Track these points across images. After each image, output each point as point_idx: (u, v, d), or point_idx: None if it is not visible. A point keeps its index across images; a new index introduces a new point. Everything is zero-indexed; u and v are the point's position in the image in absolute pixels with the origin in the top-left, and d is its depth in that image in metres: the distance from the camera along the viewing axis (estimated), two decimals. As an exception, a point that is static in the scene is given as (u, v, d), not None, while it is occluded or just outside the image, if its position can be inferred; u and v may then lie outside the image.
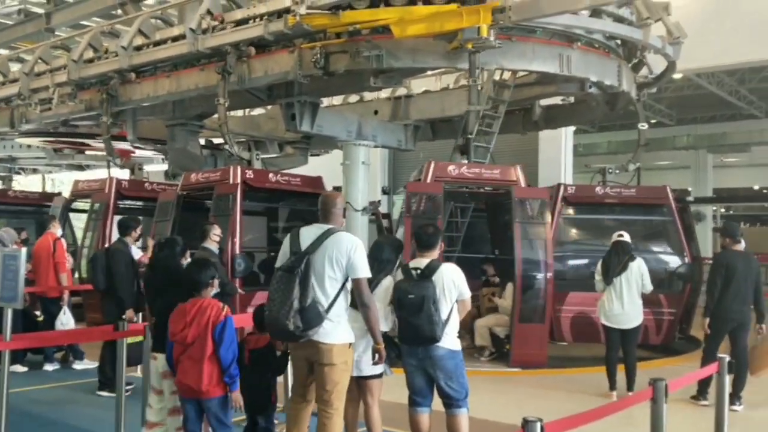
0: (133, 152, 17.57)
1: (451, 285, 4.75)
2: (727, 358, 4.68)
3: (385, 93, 13.73)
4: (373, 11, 8.61)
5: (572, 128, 17.63)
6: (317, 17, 8.79)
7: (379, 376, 4.81)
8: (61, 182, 26.31)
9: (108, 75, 11.69)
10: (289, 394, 4.81)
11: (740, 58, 16.10)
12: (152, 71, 11.49)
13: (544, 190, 9.75)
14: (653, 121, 25.01)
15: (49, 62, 13.08)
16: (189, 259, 4.97)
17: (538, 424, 2.86)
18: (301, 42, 9.45)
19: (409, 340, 4.70)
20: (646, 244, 11.69)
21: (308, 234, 4.41)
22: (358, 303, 4.33)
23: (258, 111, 15.87)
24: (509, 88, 11.35)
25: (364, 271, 4.29)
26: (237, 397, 4.36)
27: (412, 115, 13.38)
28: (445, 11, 8.25)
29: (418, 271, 4.78)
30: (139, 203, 13.12)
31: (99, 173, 14.80)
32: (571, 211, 11.64)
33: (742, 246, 7.46)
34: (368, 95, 14.22)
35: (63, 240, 8.95)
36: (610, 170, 11.84)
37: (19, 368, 8.01)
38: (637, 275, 7.38)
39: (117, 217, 12.14)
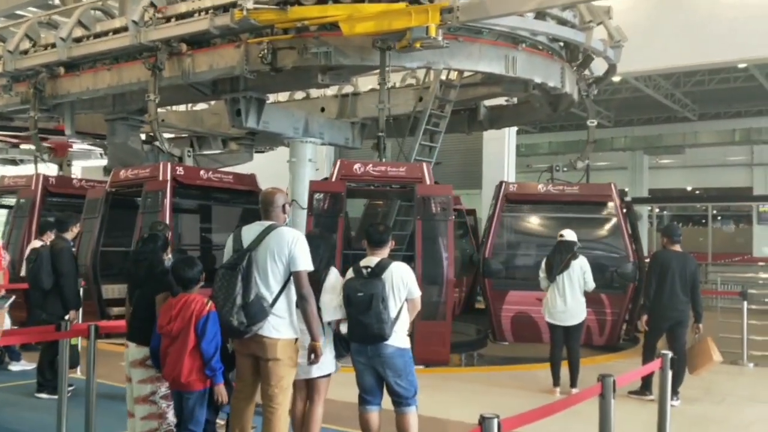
0: (71, 146, 17.09)
1: (401, 283, 4.77)
2: (670, 354, 4.78)
3: (331, 90, 13.67)
4: (322, 7, 8.55)
5: (515, 129, 17.87)
6: (264, 12, 8.69)
7: (327, 375, 4.78)
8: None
9: (36, 69, 11.38)
10: None
11: (677, 62, 16.63)
12: (92, 64, 11.20)
13: (448, 187, 9.58)
14: (592, 122, 25.59)
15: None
16: (170, 255, 4.95)
17: (495, 421, 2.87)
18: (247, 37, 9.36)
19: (357, 337, 4.69)
20: (590, 242, 11.83)
21: (250, 232, 4.40)
22: (297, 296, 4.30)
23: (201, 106, 15.64)
24: (455, 88, 11.47)
25: (304, 264, 4.27)
26: (221, 390, 4.39)
27: (359, 113, 13.37)
28: (394, 10, 8.24)
29: (369, 269, 4.78)
30: (67, 200, 12.72)
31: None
32: (512, 208, 11.68)
33: (679, 246, 7.68)
34: (314, 92, 14.14)
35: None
36: (557, 168, 11.85)
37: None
38: (579, 273, 7.53)
39: (46, 214, 12.08)
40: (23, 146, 18.68)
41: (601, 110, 24.13)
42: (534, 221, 12.17)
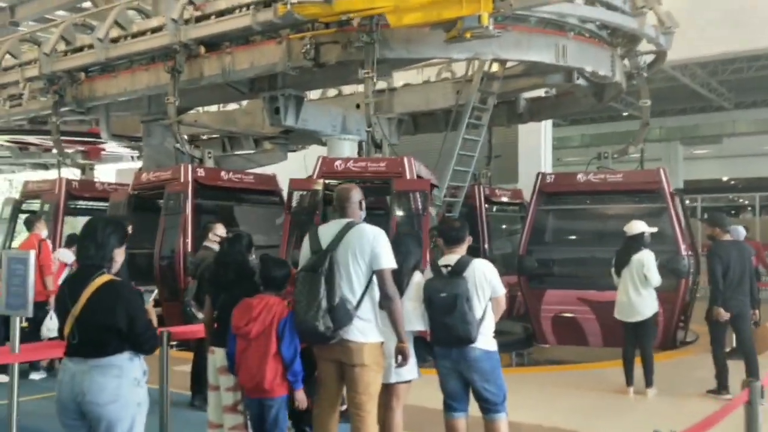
0: (104, 149, 17.03)
1: (484, 281, 4.51)
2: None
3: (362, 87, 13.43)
4: (367, 0, 8.32)
5: (551, 121, 17.55)
6: (309, 6, 8.46)
7: (408, 381, 4.53)
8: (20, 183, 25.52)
9: (72, 71, 11.30)
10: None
11: (715, 50, 16.22)
12: (128, 64, 11.08)
13: (426, 181, 9.19)
14: (625, 114, 25.17)
15: (18, 56, 12.49)
16: (253, 255, 4.72)
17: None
18: (288, 32, 9.16)
19: (442, 341, 4.44)
20: None
21: (327, 231, 4.18)
22: (381, 296, 4.06)
23: (232, 106, 15.51)
24: (498, 80, 11.17)
25: (387, 262, 4.04)
26: (301, 396, 4.21)
27: (396, 108, 13.15)
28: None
29: (449, 268, 4.53)
30: (91, 203, 12.86)
31: (65, 173, 14.40)
32: (550, 201, 11.09)
33: (730, 235, 7.46)
34: (346, 89, 13.93)
35: (48, 241, 8.52)
36: (606, 155, 11.22)
37: (3, 378, 7.54)
38: (638, 267, 7.24)
39: (68, 218, 12.03)
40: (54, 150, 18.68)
41: (633, 101, 23.65)
42: (573, 214, 11.50)
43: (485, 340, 4.49)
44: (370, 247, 4.01)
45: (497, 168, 17.58)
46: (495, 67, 11.25)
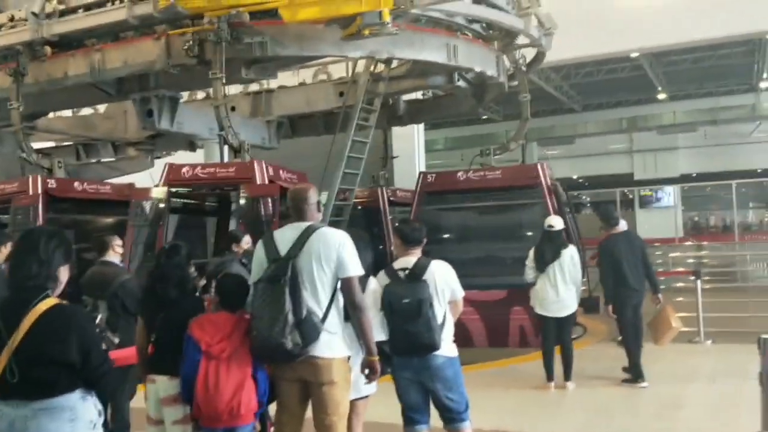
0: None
1: (444, 285, 4.25)
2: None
3: (237, 88, 12.83)
4: (259, -7, 7.84)
5: (422, 124, 17.63)
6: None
7: (365, 396, 4.17)
8: None
9: None
10: None
11: (569, 54, 16.97)
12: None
13: (275, 186, 8.88)
14: (484, 117, 25.95)
15: None
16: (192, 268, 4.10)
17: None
18: (164, 29, 8.49)
19: (403, 350, 4.12)
20: (517, 232, 11.50)
21: (285, 236, 3.75)
22: (348, 306, 3.70)
23: (86, 111, 14.30)
24: (384, 81, 10.98)
25: (355, 269, 3.68)
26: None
27: (275, 110, 12.63)
28: (340, -6, 7.66)
29: (406, 272, 4.22)
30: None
31: None
32: (431, 201, 10.97)
33: (621, 227, 7.66)
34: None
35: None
36: (487, 152, 11.28)
37: None
38: (569, 263, 7.26)
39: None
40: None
41: (491, 105, 24.44)
42: (455, 213, 11.43)
43: (447, 347, 4.23)
44: (336, 253, 3.63)
45: (368, 173, 17.53)
46: (380, 68, 11.06)
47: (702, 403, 6.55)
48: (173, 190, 9.18)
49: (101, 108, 13.55)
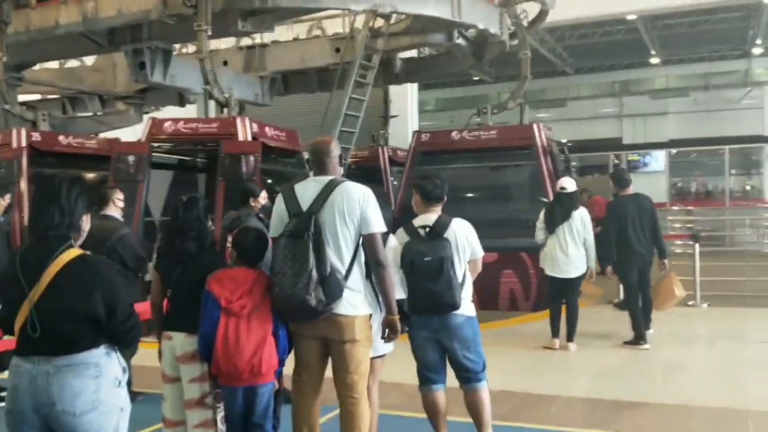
0: None
1: (465, 243, 4.15)
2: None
3: (228, 42, 12.52)
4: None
5: (416, 84, 17.38)
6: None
7: (382, 355, 4.07)
8: None
9: None
10: None
11: (566, 15, 16.72)
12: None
13: (256, 144, 8.70)
14: (476, 78, 25.66)
15: None
16: (210, 222, 3.93)
17: None
18: (159, -23, 8.20)
19: (423, 308, 4.01)
20: (511, 193, 11.38)
21: (306, 190, 3.61)
22: (371, 263, 3.60)
23: (73, 63, 13.92)
24: (383, 37, 10.74)
25: (378, 225, 3.57)
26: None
27: (269, 66, 12.33)
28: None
29: (427, 230, 4.10)
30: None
31: None
32: (425, 161, 10.80)
33: (631, 189, 7.65)
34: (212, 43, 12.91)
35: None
36: (485, 110, 11.08)
37: None
38: (579, 224, 7.19)
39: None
40: None
41: (488, 65, 24.17)
42: (448, 173, 11.34)
43: (467, 306, 4.14)
44: (360, 208, 3.51)
45: (364, 132, 17.32)
46: (379, 24, 10.81)
47: (706, 366, 6.57)
48: (155, 145, 9.00)
49: (88, 60, 13.24)
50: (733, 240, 15.01)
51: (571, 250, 7.13)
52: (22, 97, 12.94)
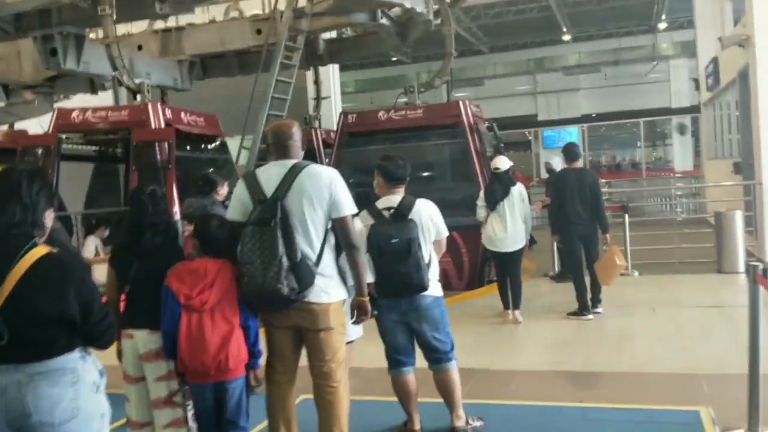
0: None
1: (430, 223, 4.07)
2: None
3: (141, 26, 12.01)
4: None
5: (338, 66, 17.14)
6: None
7: (351, 341, 3.94)
8: None
9: None
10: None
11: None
12: None
13: (169, 130, 8.56)
14: (394, 59, 25.65)
15: None
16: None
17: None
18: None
19: (392, 291, 3.91)
20: (440, 172, 11.31)
21: (269, 175, 3.44)
22: (344, 246, 3.46)
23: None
24: (307, 17, 10.46)
25: (349, 207, 3.45)
26: (260, 374, 3.48)
27: (187, 49, 11.84)
28: None
29: (391, 211, 3.97)
30: None
31: None
32: (353, 143, 10.75)
33: (579, 164, 7.86)
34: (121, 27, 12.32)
35: None
36: (412, 89, 10.92)
37: None
38: (518, 199, 7.31)
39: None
40: None
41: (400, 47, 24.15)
42: (376, 154, 11.33)
43: (434, 286, 4.06)
44: (328, 191, 3.37)
45: (288, 115, 16.94)
46: (302, 4, 10.52)
47: (651, 333, 6.71)
48: (64, 136, 8.68)
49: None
50: (652, 210, 15.59)
51: (510, 225, 7.25)
52: None
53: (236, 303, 3.33)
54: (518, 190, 7.33)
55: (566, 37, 25.75)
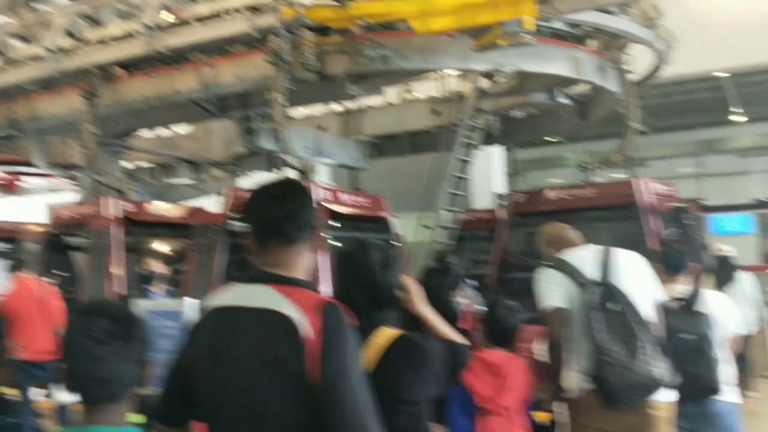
0: (19, 179, 14.98)
1: (725, 318, 3.83)
2: None
3: (308, 109, 12.52)
4: (388, 3, 7.51)
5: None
6: (321, 10, 7.56)
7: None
8: None
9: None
10: None
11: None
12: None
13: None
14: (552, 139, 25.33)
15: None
16: None
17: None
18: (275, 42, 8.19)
19: (680, 393, 3.59)
20: None
21: (582, 259, 3.51)
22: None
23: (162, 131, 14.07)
24: (492, 98, 10.54)
25: (663, 292, 3.50)
26: None
27: (366, 130, 12.27)
28: (476, 2, 7.28)
29: (682, 302, 3.74)
30: None
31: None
32: (522, 223, 10.27)
33: None
34: (302, 110, 12.94)
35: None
36: (589, 166, 10.50)
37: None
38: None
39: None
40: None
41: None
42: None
43: (729, 389, 3.75)
44: (649, 273, 3.37)
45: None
46: (486, 84, 10.63)
47: None
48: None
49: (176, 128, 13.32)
50: None
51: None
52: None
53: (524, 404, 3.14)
54: (743, 276, 6.82)
55: (738, 118, 24.53)
